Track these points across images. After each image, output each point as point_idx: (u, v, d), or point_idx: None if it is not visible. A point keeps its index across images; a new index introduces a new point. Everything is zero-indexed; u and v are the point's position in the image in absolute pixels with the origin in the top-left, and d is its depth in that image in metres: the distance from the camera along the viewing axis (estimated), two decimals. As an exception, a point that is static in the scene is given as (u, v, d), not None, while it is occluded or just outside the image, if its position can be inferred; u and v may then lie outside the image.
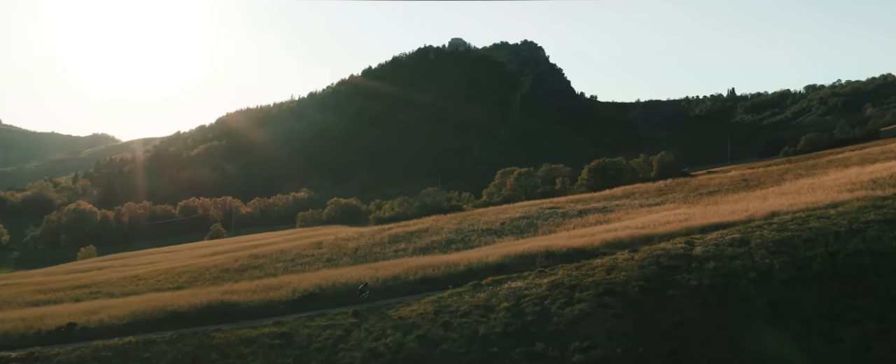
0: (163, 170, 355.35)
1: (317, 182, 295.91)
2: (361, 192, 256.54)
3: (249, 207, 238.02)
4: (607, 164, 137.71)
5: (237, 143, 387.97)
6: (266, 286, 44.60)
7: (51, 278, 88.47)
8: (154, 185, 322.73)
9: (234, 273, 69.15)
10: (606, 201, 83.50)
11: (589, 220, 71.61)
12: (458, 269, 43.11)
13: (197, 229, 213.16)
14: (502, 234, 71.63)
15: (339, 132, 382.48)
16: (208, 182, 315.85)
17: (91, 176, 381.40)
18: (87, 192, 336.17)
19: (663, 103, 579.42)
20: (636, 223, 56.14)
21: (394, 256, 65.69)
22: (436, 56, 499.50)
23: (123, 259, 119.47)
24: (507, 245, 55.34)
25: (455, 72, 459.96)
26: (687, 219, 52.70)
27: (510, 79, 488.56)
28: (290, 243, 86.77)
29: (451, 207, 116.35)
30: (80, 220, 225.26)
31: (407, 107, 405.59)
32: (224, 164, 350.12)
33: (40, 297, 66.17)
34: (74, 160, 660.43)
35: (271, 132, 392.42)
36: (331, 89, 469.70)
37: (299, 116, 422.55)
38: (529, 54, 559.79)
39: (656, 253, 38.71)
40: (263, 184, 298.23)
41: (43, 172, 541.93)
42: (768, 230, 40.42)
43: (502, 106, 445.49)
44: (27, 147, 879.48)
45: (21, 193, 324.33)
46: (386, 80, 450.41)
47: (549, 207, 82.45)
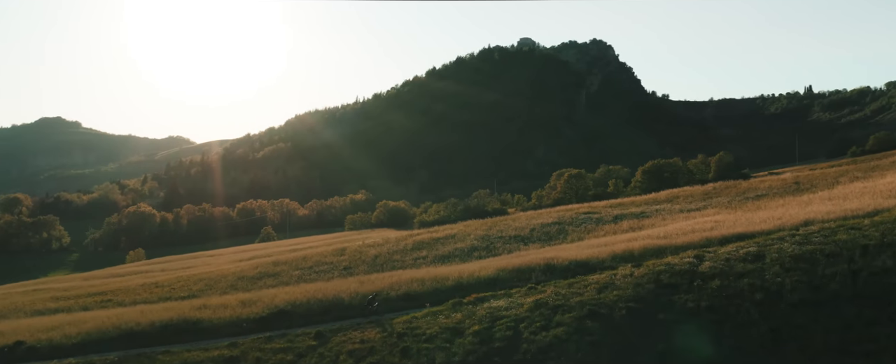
0: (228, 172, 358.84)
1: (377, 184, 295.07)
2: (420, 194, 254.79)
3: (306, 210, 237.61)
4: (662, 165, 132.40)
5: (301, 144, 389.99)
6: (242, 300, 41.71)
7: (75, 284, 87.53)
8: (217, 188, 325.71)
9: (249, 281, 66.87)
10: (647, 206, 78.97)
11: (622, 226, 67.48)
12: (447, 284, 39.64)
13: (255, 231, 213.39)
14: (530, 241, 67.97)
15: (402, 133, 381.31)
16: (270, 184, 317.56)
17: (159, 178, 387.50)
18: (154, 195, 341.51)
19: (737, 102, 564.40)
20: (660, 232, 52.00)
21: (412, 265, 62.75)
22: (500, 56, 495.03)
23: (164, 263, 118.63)
24: (516, 257, 51.80)
25: (520, 71, 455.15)
26: (714, 227, 48.45)
27: (575, 78, 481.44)
28: (314, 250, 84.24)
29: (494, 211, 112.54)
30: (139, 223, 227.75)
31: (470, 107, 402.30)
32: (286, 167, 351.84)
33: (51, 304, 64.64)
34: (149, 162, 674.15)
35: (335, 134, 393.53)
36: (395, 90, 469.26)
37: (363, 118, 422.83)
38: (598, 53, 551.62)
39: (658, 269, 34.90)
40: (324, 185, 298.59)
41: (119, 175, 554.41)
42: (789, 243, 36.28)
43: (567, 106, 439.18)
44: (106, 150, 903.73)
45: (87, 196, 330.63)
46: (450, 81, 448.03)
47: (584, 213, 78.28)
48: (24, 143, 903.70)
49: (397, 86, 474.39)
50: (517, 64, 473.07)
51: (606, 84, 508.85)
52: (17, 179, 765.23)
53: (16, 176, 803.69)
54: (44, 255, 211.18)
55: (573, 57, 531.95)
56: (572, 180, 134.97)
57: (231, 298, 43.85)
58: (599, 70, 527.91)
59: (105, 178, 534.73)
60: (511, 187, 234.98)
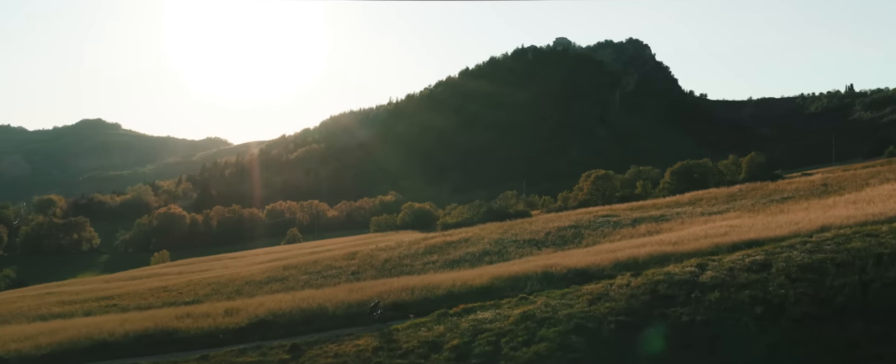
0: (261, 173, 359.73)
1: (408, 184, 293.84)
2: (451, 195, 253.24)
3: (336, 211, 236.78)
4: (691, 166, 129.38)
5: (334, 145, 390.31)
6: (227, 309, 40.14)
7: (89, 287, 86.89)
8: (249, 189, 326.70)
9: (255, 286, 65.52)
10: (668, 209, 76.45)
11: (639, 230, 65.18)
12: (437, 293, 37.81)
13: (285, 233, 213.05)
14: (543, 245, 65.93)
15: (435, 134, 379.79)
16: (302, 185, 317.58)
17: (193, 179, 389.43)
18: (188, 196, 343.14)
19: (776, 101, 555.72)
20: (672, 237, 49.83)
21: (421, 270, 61.04)
22: (534, 56, 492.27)
23: (184, 266, 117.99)
24: (517, 263, 49.87)
25: (553, 71, 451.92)
26: (727, 232, 46.22)
27: (610, 78, 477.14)
28: (326, 254, 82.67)
29: (516, 213, 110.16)
30: (169, 224, 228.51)
31: (503, 107, 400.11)
32: (319, 167, 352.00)
33: (55, 309, 63.77)
34: (187, 163, 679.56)
35: (368, 135, 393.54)
36: (428, 91, 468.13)
37: (396, 118, 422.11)
38: (635, 52, 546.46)
39: (657, 278, 32.93)
40: (356, 186, 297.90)
41: (156, 175, 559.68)
42: (799, 251, 34.10)
43: (601, 106, 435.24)
44: (145, 151, 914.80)
45: (121, 197, 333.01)
46: (483, 81, 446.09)
47: (603, 216, 76.00)
48: (66, 144, 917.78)
49: (430, 86, 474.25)
50: (551, 64, 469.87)
51: (642, 84, 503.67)
52: (58, 180, 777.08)
53: (57, 177, 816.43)
54: (74, 257, 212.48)
55: (609, 56, 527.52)
56: (599, 182, 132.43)
57: (219, 306, 42.35)
58: (635, 70, 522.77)
59: (143, 179, 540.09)
60: (542, 188, 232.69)
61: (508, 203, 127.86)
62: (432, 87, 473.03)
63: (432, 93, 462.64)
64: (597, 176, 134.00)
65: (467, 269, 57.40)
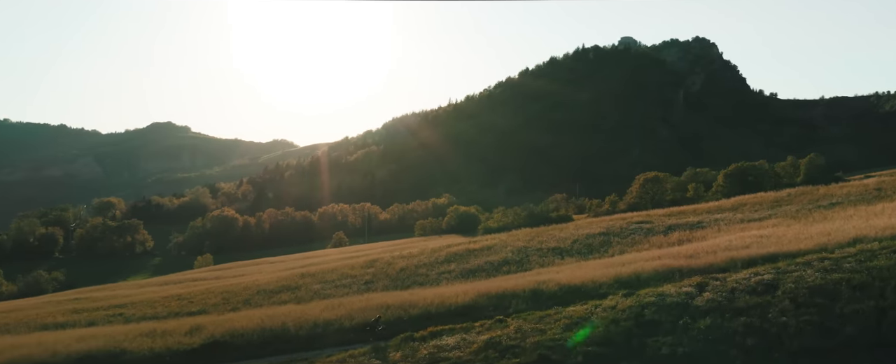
0: (319, 175, 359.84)
1: (464, 187, 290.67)
2: (508, 197, 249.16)
3: (388, 213, 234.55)
4: (746, 168, 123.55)
5: (392, 147, 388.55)
6: (194, 326, 37.46)
7: (110, 293, 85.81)
8: (305, 191, 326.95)
9: (265, 295, 63.19)
10: (707, 214, 71.82)
11: (670, 238, 60.99)
12: (413, 312, 34.60)
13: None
14: (568, 253, 62.17)
15: (493, 135, 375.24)
16: (359, 187, 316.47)
17: (253, 182, 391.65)
18: (247, 198, 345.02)
19: (850, 100, 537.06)
20: (694, 248, 45.84)
21: (435, 281, 58.05)
22: (595, 55, 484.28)
23: (221, 270, 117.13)
24: (517, 277, 46.23)
25: (615, 71, 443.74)
26: (749, 245, 42.16)
27: (673, 77, 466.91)
28: (344, 262, 79.93)
29: (558, 218, 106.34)
30: (222, 227, 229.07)
31: (563, 108, 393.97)
32: (375, 170, 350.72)
33: (60, 318, 62.39)
34: (253, 166, 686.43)
35: (426, 136, 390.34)
36: (487, 91, 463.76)
37: (455, 120, 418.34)
38: (701, 51, 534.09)
39: (647, 300, 29.26)
40: (411, 188, 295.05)
41: (222, 177, 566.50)
42: (815, 269, 29.98)
43: (663, 106, 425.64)
44: (213, 154, 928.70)
45: (179, 199, 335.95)
46: (544, 81, 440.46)
47: (637, 222, 71.69)
48: (136, 147, 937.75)
49: (490, 87, 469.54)
50: (613, 63, 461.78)
51: (709, 83, 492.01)
52: (127, 182, 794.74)
53: (127, 179, 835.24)
54: (127, 259, 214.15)
55: (675, 55, 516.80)
56: (648, 185, 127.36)
57: (189, 322, 39.88)
58: (702, 69, 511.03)
59: (210, 181, 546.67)
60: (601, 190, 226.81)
61: (549, 208, 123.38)
62: (491, 87, 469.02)
63: (491, 94, 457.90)
64: (646, 179, 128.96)
65: (482, 279, 54.57)
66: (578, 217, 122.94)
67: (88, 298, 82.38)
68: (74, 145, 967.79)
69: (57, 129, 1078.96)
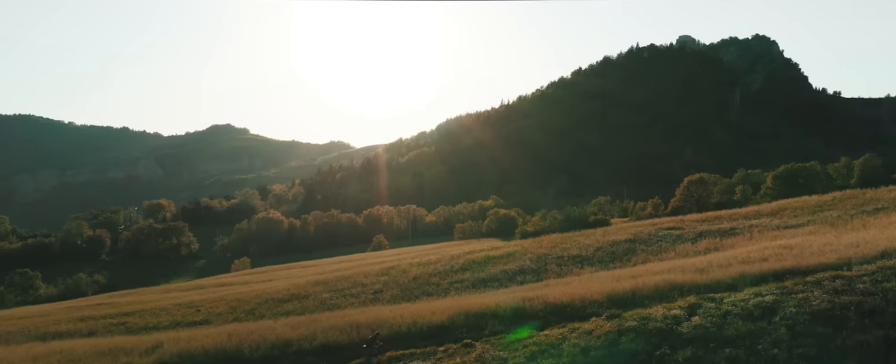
0: (370, 177, 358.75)
1: (513, 188, 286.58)
2: (557, 198, 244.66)
3: (434, 216, 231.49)
4: (797, 170, 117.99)
5: (443, 149, 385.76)
6: (156, 343, 34.99)
7: (126, 299, 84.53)
8: (354, 193, 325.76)
9: (272, 304, 61.23)
10: (744, 220, 67.46)
11: (698, 246, 57.10)
12: (382, 333, 31.32)
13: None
14: (588, 262, 58.70)
15: (544, 136, 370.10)
16: (408, 189, 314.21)
17: (305, 183, 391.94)
18: (297, 200, 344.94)
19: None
20: (709, 260, 42.07)
21: (444, 291, 55.52)
22: (650, 54, 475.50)
23: (251, 276, 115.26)
24: (511, 293, 42.85)
25: (670, 71, 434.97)
26: (768, 258, 38.41)
27: (730, 76, 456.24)
28: (360, 268, 77.25)
29: (595, 222, 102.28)
30: (267, 229, 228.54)
31: (616, 108, 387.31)
32: (425, 171, 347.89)
33: (62, 327, 61.60)
34: (309, 167, 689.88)
35: (477, 138, 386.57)
36: (540, 92, 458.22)
37: (506, 121, 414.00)
38: (761, 49, 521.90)
39: (628, 325, 26.13)
40: (460, 190, 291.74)
41: (279, 179, 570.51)
42: (823, 289, 26.54)
43: (719, 106, 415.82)
44: (271, 155, 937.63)
45: (228, 201, 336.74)
46: (597, 81, 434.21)
47: (668, 228, 67.77)
48: (196, 149, 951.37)
49: (542, 87, 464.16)
50: (668, 62, 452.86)
51: (769, 82, 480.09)
52: (187, 184, 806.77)
53: (187, 180, 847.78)
54: (172, 262, 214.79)
55: (733, 54, 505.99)
56: (693, 187, 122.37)
57: (149, 340, 37.41)
58: (762, 67, 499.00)
59: (266, 182, 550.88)
60: (652, 192, 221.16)
61: (589, 211, 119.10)
62: (544, 87, 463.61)
63: (544, 93, 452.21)
64: (690, 181, 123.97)
65: (493, 290, 51.97)
66: (618, 221, 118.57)
67: (109, 304, 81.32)
68: (136, 147, 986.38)
69: (120, 131, 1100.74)
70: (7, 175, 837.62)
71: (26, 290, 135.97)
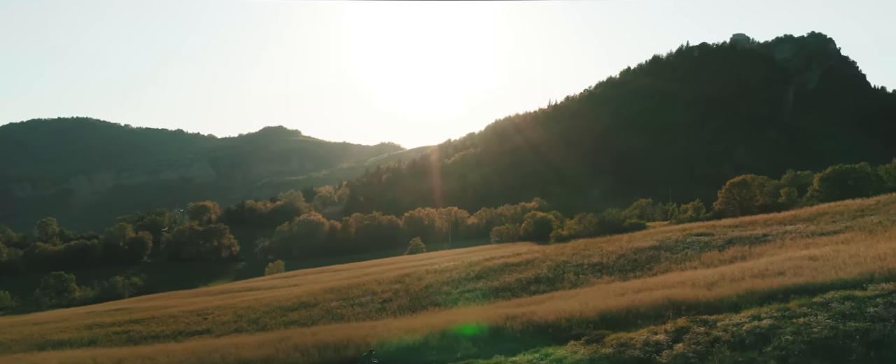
0: (415, 179, 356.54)
1: (558, 190, 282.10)
2: (603, 200, 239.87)
3: (476, 218, 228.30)
4: (845, 171, 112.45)
5: (489, 150, 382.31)
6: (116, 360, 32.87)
7: (139, 304, 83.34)
8: (398, 195, 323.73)
9: (279, 313, 59.63)
10: (778, 226, 63.51)
11: (726, 254, 53.61)
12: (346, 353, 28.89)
13: (424, 240, 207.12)
14: (608, 271, 55.64)
15: (592, 137, 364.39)
16: (452, 191, 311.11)
17: (352, 185, 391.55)
18: (341, 201, 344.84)
19: None
20: (714, 274, 38.99)
21: (453, 301, 53.52)
22: (700, 53, 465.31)
23: (279, 280, 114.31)
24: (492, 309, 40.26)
25: (721, 69, 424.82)
26: (784, 271, 34.95)
27: (783, 75, 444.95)
28: (375, 276, 74.65)
29: (630, 227, 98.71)
30: (308, 231, 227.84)
31: (665, 108, 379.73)
32: (469, 173, 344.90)
33: (65, 336, 60.73)
34: (359, 169, 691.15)
35: (524, 139, 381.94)
36: (588, 92, 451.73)
37: (554, 121, 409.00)
38: (817, 47, 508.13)
39: (604, 352, 23.62)
40: (504, 192, 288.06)
41: (329, 180, 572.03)
42: (829, 313, 23.62)
43: (772, 105, 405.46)
44: (323, 157, 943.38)
45: (273, 203, 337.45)
46: (646, 80, 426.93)
47: (697, 234, 64.18)
48: (249, 151, 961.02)
49: (591, 87, 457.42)
50: (719, 61, 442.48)
51: (825, 80, 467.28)
52: (240, 185, 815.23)
53: (240, 182, 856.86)
54: (213, 264, 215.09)
55: (788, 52, 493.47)
56: (735, 189, 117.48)
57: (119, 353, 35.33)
58: (817, 65, 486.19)
59: (316, 184, 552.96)
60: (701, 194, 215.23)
61: (623, 216, 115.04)
62: (592, 87, 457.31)
63: (592, 93, 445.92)
64: (733, 183, 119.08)
65: (504, 300, 49.58)
66: (657, 224, 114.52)
67: (126, 310, 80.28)
68: (190, 150, 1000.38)
69: (174, 133, 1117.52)
70: (65, 177, 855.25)
71: (61, 292, 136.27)
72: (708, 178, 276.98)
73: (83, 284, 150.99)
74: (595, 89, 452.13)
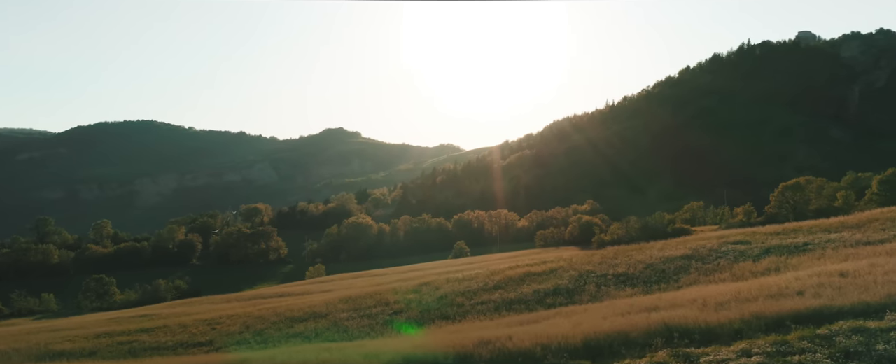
0: (468, 181, 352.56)
1: (611, 192, 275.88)
2: (658, 203, 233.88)
3: (526, 220, 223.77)
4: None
5: (544, 151, 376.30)
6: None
7: (156, 311, 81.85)
8: (449, 197, 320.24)
9: (288, 324, 57.54)
10: (823, 234, 59.04)
11: (760, 266, 49.74)
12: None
13: (473, 243, 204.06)
14: (632, 282, 52.22)
15: (649, 137, 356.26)
16: (504, 193, 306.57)
17: (405, 187, 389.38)
18: (394, 203, 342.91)
19: None
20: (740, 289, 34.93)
21: (465, 313, 51.08)
22: (762, 51, 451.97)
23: (314, 285, 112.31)
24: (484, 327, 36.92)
25: (783, 68, 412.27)
26: (804, 290, 31.25)
27: (849, 72, 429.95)
28: (394, 284, 71.91)
29: (673, 232, 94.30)
30: (356, 234, 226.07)
31: (725, 108, 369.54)
32: (523, 174, 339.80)
33: (68, 346, 59.63)
34: (417, 170, 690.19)
35: (580, 140, 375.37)
36: (646, 92, 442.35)
37: (610, 122, 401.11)
38: (886, 44, 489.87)
39: None
40: (557, 194, 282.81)
41: (387, 182, 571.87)
42: (831, 350, 20.24)
43: (837, 104, 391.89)
44: (382, 159, 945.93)
45: (325, 205, 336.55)
46: (706, 79, 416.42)
47: (734, 242, 59.97)
48: (309, 153, 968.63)
49: (649, 87, 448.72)
50: (782, 59, 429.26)
51: (894, 78, 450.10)
52: (300, 187, 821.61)
53: (300, 183, 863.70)
54: (260, 266, 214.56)
55: (855, 49, 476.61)
56: (788, 192, 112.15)
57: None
58: (887, 63, 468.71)
59: (374, 185, 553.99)
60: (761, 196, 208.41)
61: (668, 220, 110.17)
62: (650, 87, 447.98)
63: (650, 93, 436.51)
64: (785, 186, 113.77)
65: (515, 314, 46.69)
66: (704, 229, 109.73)
67: (146, 317, 79.03)
68: (252, 151, 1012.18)
69: (237, 136, 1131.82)
70: (130, 179, 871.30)
71: (102, 295, 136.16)
72: (769, 179, 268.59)
73: (130, 287, 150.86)
74: (653, 89, 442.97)
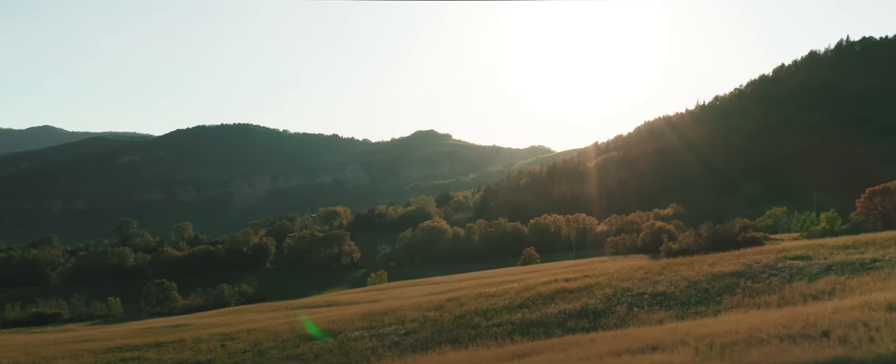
0: (551, 183, 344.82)
1: (699, 195, 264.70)
2: (745, 208, 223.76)
3: (605, 225, 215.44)
4: None
5: (630, 153, 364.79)
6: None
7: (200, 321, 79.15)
8: (530, 200, 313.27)
9: (293, 343, 53.92)
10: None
11: (816, 287, 43.65)
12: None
13: (547, 248, 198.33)
14: (668, 303, 46.49)
15: (740, 138, 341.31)
16: (586, 196, 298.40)
17: (487, 190, 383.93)
18: (474, 206, 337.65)
19: None
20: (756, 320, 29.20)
21: (475, 338, 46.81)
22: (862, 48, 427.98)
23: (367, 293, 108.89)
24: None
25: (885, 64, 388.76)
26: (829, 331, 25.27)
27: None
28: (420, 298, 67.11)
29: (745, 241, 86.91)
30: (431, 238, 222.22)
31: (821, 107, 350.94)
32: (606, 177, 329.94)
33: (70, 361, 55.79)
34: (506, 172, 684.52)
35: (668, 141, 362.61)
36: (737, 91, 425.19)
37: (701, 122, 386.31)
38: None
39: None
40: (641, 197, 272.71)
41: (475, 184, 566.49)
42: None
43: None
44: (472, 160, 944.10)
45: (404, 209, 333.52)
46: (800, 77, 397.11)
47: (793, 257, 53.19)
48: (399, 155, 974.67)
49: (741, 86, 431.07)
50: (883, 56, 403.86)
51: None
52: (391, 189, 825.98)
53: (391, 185, 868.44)
54: (333, 271, 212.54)
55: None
56: (876, 198, 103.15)
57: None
58: None
59: (463, 187, 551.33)
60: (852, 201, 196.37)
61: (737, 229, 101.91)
62: (743, 86, 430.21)
63: (742, 92, 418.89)
64: (873, 191, 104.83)
65: (528, 340, 42.60)
66: (784, 237, 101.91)
67: (184, 326, 76.83)
68: (344, 154, 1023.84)
69: (330, 138, 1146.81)
70: (226, 181, 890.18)
71: (162, 300, 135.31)
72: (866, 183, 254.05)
73: (199, 291, 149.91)
74: (745, 88, 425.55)
